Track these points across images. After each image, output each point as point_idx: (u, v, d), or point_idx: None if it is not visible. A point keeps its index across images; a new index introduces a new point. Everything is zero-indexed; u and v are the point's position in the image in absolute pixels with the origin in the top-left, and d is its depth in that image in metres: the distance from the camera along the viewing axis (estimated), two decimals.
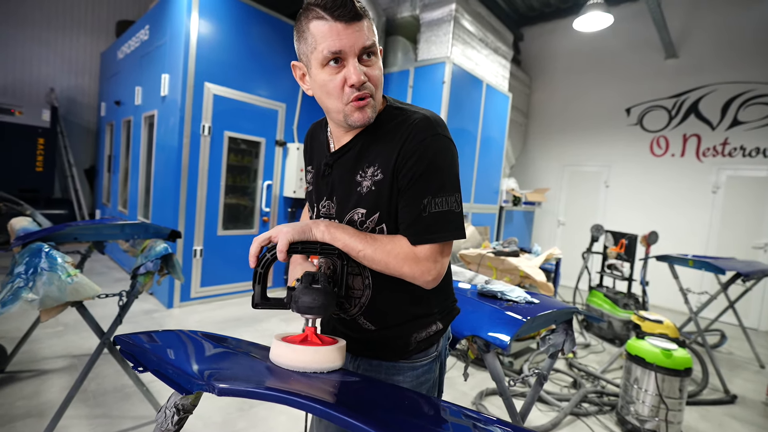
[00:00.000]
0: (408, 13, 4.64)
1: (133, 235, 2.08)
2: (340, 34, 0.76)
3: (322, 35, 0.77)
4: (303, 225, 0.82)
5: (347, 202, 0.88)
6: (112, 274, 4.70)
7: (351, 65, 0.78)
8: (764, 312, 4.99)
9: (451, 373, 2.92)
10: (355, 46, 0.77)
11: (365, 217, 0.85)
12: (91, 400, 2.18)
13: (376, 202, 0.84)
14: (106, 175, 5.90)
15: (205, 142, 3.78)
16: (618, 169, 6.18)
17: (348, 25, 0.76)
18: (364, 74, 0.79)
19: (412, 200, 0.81)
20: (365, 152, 0.86)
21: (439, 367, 1.00)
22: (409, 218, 0.81)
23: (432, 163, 0.80)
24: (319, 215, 0.95)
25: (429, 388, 0.97)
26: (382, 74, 0.86)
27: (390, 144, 0.83)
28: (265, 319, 3.70)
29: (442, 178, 0.81)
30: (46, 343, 2.79)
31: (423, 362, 0.95)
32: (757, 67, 5.04)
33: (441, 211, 0.80)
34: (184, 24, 3.55)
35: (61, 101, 6.27)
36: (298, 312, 0.82)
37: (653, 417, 2.23)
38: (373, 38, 0.80)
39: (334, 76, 0.79)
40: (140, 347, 0.77)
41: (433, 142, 0.80)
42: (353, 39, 0.77)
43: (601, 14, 4.16)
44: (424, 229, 0.80)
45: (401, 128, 0.83)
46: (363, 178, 0.85)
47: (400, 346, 0.92)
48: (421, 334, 0.93)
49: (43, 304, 1.43)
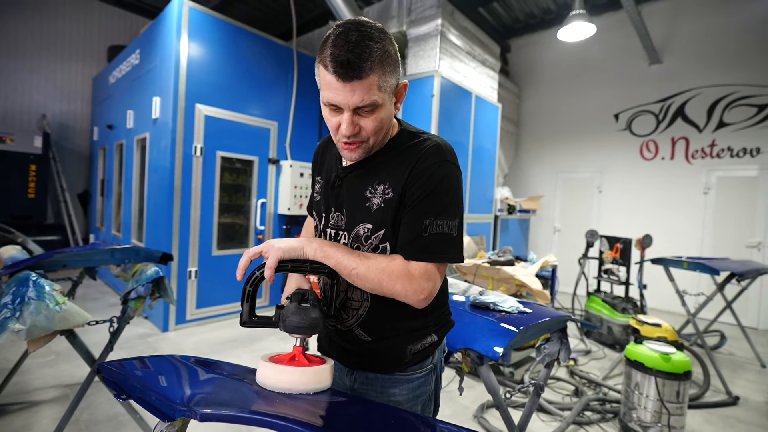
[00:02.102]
0: (395, 29, 4.72)
1: (124, 260, 2.06)
2: (337, 89, 0.78)
3: (324, 83, 0.80)
4: (296, 243, 0.82)
5: (356, 216, 0.91)
6: (106, 299, 4.64)
7: (344, 118, 0.81)
8: (763, 311, 4.99)
9: (452, 386, 2.88)
10: (350, 103, 0.79)
11: (371, 232, 0.88)
12: (84, 430, 2.13)
13: (383, 219, 0.87)
14: (100, 199, 5.89)
15: (198, 162, 3.79)
16: (610, 174, 6.24)
17: (346, 83, 0.77)
18: (358, 125, 0.82)
19: (414, 219, 0.84)
20: (377, 171, 0.90)
21: (435, 380, 1.00)
22: (408, 236, 0.84)
23: (438, 186, 0.84)
24: (328, 225, 0.97)
25: (425, 401, 0.97)
26: (388, 117, 0.86)
27: (401, 166, 0.87)
28: (262, 339, 3.65)
29: (445, 202, 0.84)
30: (37, 373, 2.74)
31: (419, 374, 0.95)
32: (739, 69, 5.14)
33: (440, 233, 0.83)
34: (173, 47, 3.59)
35: (53, 127, 6.29)
36: (285, 331, 0.81)
37: (656, 422, 2.20)
38: (373, 97, 0.79)
39: (331, 118, 0.84)
40: (123, 374, 0.76)
41: (441, 168, 0.85)
42: (349, 97, 0.78)
43: (584, 24, 4.24)
44: (422, 248, 0.83)
45: (413, 151, 0.87)
46: (373, 194, 0.89)
47: (395, 357, 0.93)
48: (417, 345, 0.94)
49: (30, 334, 1.40)
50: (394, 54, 0.81)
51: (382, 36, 0.79)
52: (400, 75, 0.85)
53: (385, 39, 0.79)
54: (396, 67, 0.82)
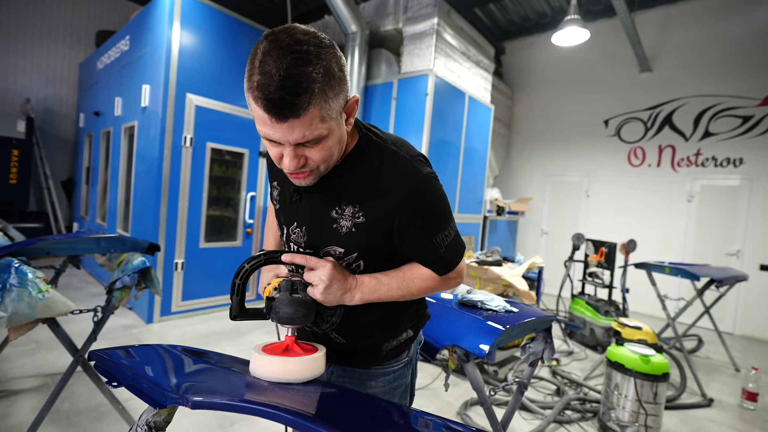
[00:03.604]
0: (391, 26, 4.72)
1: (110, 249, 2.03)
2: (272, 126, 0.66)
3: (256, 115, 0.68)
4: (344, 290, 0.81)
5: (321, 236, 0.86)
6: (89, 288, 4.56)
7: (286, 152, 0.71)
8: (739, 316, 5.14)
9: (436, 383, 2.91)
10: (290, 140, 0.68)
11: (343, 255, 0.85)
12: (64, 420, 2.10)
13: (355, 243, 0.83)
14: (85, 187, 5.76)
15: (187, 153, 3.74)
16: (598, 179, 6.34)
17: (282, 122, 0.65)
18: (303, 157, 0.73)
19: (425, 241, 0.84)
20: (342, 189, 0.82)
21: (411, 372, 1.03)
22: (430, 258, 0.87)
23: (430, 206, 0.82)
24: (290, 240, 0.92)
25: (401, 393, 1.00)
26: (339, 140, 0.76)
27: (376, 194, 0.80)
28: (248, 332, 3.63)
29: (440, 216, 0.84)
30: (17, 362, 2.68)
31: (395, 368, 0.97)
32: (725, 81, 5.27)
33: (450, 242, 0.86)
34: (165, 35, 3.53)
35: (38, 112, 6.13)
36: (278, 322, 0.82)
37: (633, 422, 2.26)
38: (316, 132, 0.68)
39: (271, 148, 0.73)
40: (115, 362, 0.75)
41: (424, 184, 0.80)
42: (288, 135, 0.67)
43: (578, 29, 4.30)
44: (447, 262, 0.88)
45: (387, 176, 0.80)
46: (339, 215, 0.82)
47: (371, 354, 0.95)
48: (392, 342, 0.96)
49: (12, 321, 1.38)
50: (338, 71, 0.68)
51: (322, 52, 0.65)
52: (348, 90, 0.72)
53: (325, 55, 0.65)
54: (342, 84, 0.69)
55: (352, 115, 0.77)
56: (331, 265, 0.80)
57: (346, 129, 0.78)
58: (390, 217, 0.80)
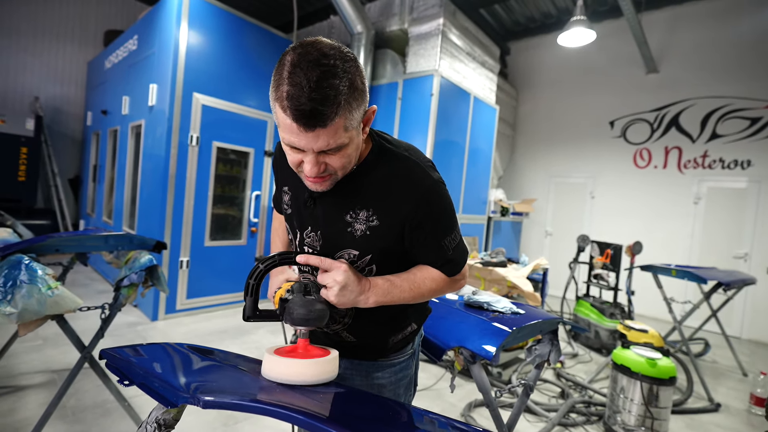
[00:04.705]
0: (397, 26, 4.71)
1: (117, 247, 2.05)
2: (299, 135, 0.70)
3: (282, 123, 0.71)
4: (358, 292, 0.82)
5: (336, 240, 0.88)
6: (96, 285, 4.59)
7: (308, 159, 0.74)
8: (746, 320, 5.09)
9: (439, 384, 2.91)
10: (314, 148, 0.72)
11: (357, 258, 0.87)
12: (70, 416, 2.11)
13: (369, 246, 0.86)
14: (91, 185, 5.81)
15: (193, 152, 3.76)
16: (603, 180, 6.31)
17: (309, 131, 0.68)
18: (324, 163, 0.76)
19: (433, 244, 0.88)
20: (356, 194, 0.85)
21: (415, 364, 1.08)
22: (438, 260, 0.90)
23: (440, 211, 0.86)
24: (304, 243, 0.93)
25: (407, 384, 1.05)
26: (357, 148, 0.80)
27: (389, 197, 0.83)
28: (252, 331, 3.65)
29: (448, 220, 0.88)
30: (24, 358, 2.70)
31: (401, 359, 1.02)
32: (733, 82, 5.22)
33: (456, 245, 0.91)
34: (173, 34, 3.55)
35: (46, 110, 6.18)
36: (292, 324, 0.81)
37: (639, 426, 2.25)
38: (339, 140, 0.72)
39: (292, 154, 0.76)
40: (126, 360, 0.76)
41: (434, 191, 0.84)
42: (312, 143, 0.71)
43: (584, 30, 4.27)
44: (455, 264, 0.92)
45: (399, 179, 0.83)
46: (354, 219, 0.85)
47: (378, 348, 0.99)
48: (398, 336, 1.00)
49: (22, 317, 1.39)
50: (361, 84, 0.71)
51: (348, 67, 0.68)
52: (368, 101, 0.76)
53: (350, 69, 0.69)
54: (364, 96, 0.73)
55: (369, 124, 0.81)
56: (345, 266, 0.82)
57: (363, 137, 0.82)
58: (402, 220, 0.84)
